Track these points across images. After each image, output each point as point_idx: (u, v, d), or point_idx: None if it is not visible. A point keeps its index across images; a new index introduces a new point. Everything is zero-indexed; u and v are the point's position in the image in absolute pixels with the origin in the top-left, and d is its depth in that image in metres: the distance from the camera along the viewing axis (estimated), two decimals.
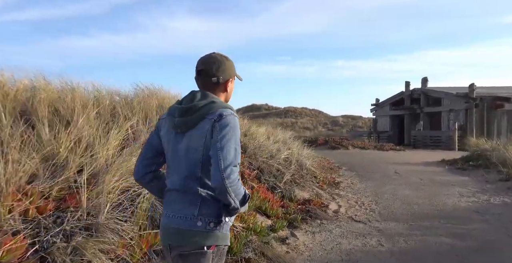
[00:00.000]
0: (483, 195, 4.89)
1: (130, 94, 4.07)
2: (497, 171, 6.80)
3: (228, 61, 1.29)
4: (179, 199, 1.19)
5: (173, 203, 1.20)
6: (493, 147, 8.63)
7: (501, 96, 16.00)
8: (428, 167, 8.33)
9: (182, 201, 1.18)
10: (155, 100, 3.41)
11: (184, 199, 1.18)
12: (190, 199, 1.17)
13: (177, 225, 1.16)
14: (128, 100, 3.53)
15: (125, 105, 3.26)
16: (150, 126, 3.00)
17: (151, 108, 3.27)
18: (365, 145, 14.68)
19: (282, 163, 4.73)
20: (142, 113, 3.13)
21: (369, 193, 5.15)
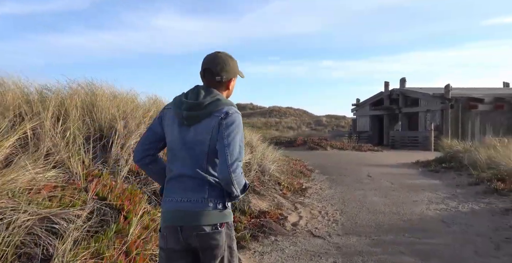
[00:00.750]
0: (452, 202, 4.68)
1: (64, 91, 3.51)
2: (468, 174, 6.69)
3: (232, 60, 1.39)
4: (189, 184, 1.29)
5: (181, 188, 1.30)
6: (465, 148, 8.61)
7: (475, 97, 16.34)
8: (402, 169, 8.18)
9: (192, 186, 1.28)
10: (76, 98, 2.89)
11: (194, 184, 1.28)
12: (199, 184, 1.28)
13: (189, 208, 1.26)
14: (47, 97, 2.98)
15: (39, 102, 2.72)
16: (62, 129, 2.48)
17: (69, 108, 2.74)
18: (343, 146, 14.56)
19: None
20: (52, 113, 2.60)
21: (336, 200, 4.83)
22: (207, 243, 1.27)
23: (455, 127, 16.25)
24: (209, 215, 1.27)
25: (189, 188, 1.29)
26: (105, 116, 2.89)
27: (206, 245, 1.28)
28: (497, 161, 6.28)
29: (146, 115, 3.40)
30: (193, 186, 1.29)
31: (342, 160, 10.11)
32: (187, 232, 1.27)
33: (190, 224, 1.27)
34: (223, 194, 1.30)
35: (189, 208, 1.27)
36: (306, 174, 6.67)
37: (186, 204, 1.28)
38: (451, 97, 16.15)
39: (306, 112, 57.20)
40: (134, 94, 4.99)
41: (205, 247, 1.28)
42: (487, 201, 4.60)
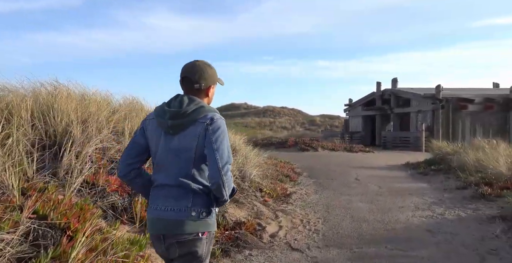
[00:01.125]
0: (438, 208, 4.53)
1: (20, 92, 3.24)
2: (456, 177, 6.58)
3: (210, 68, 1.40)
4: (172, 193, 1.30)
5: (165, 196, 1.30)
6: (454, 150, 8.53)
7: (465, 98, 16.39)
8: (391, 172, 8.06)
9: (176, 195, 1.29)
10: (28, 100, 2.62)
11: (177, 193, 1.29)
12: (184, 193, 1.29)
13: (172, 217, 1.27)
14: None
15: None
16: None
17: (16, 110, 2.48)
18: (335, 147, 14.44)
19: None
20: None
21: (320, 206, 4.64)
22: (187, 249, 1.29)
23: (445, 128, 16.27)
24: (191, 224, 1.28)
25: (173, 196, 1.30)
26: (62, 120, 2.64)
27: (186, 252, 1.29)
28: (485, 165, 6.18)
29: (111, 118, 3.15)
30: (177, 195, 1.30)
31: (332, 162, 9.96)
32: (168, 240, 1.29)
33: (171, 232, 1.28)
34: (208, 203, 1.32)
35: (172, 217, 1.28)
36: (292, 178, 6.48)
37: (169, 213, 1.29)
38: (442, 98, 16.16)
39: (301, 112, 57.17)
40: (107, 95, 4.74)
41: (182, 255, 1.29)
42: (474, 207, 4.47)
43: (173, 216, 1.28)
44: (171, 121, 1.30)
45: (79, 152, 2.44)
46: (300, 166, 8.88)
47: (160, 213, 1.30)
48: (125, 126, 3.12)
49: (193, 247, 1.28)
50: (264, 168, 6.22)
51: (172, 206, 1.28)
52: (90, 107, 3.05)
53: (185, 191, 1.29)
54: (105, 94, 4.84)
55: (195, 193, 1.29)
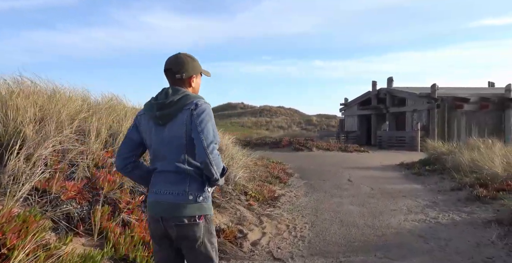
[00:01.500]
0: (432, 211, 4.32)
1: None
2: (451, 177, 6.39)
3: (192, 60, 1.49)
4: (170, 179, 1.39)
5: (164, 182, 1.40)
6: (449, 150, 8.35)
7: (460, 97, 16.26)
8: (385, 172, 7.86)
9: (174, 180, 1.38)
10: None
11: (175, 178, 1.38)
12: (181, 178, 1.38)
13: (171, 200, 1.36)
14: None
15: None
16: None
17: None
18: (329, 147, 14.24)
19: None
20: None
21: (309, 210, 4.41)
22: (185, 234, 1.34)
23: (441, 127, 16.14)
24: (189, 207, 1.34)
25: (171, 181, 1.38)
26: (16, 119, 2.38)
27: (184, 235, 1.35)
28: (480, 165, 5.99)
29: (76, 117, 2.89)
30: (175, 180, 1.37)
31: (325, 162, 9.75)
32: (167, 222, 1.35)
33: (170, 215, 1.35)
34: (204, 187, 1.38)
35: (170, 200, 1.36)
36: (282, 180, 6.25)
37: (168, 196, 1.36)
38: (437, 97, 16.03)
39: (298, 112, 56.98)
40: (84, 93, 4.46)
41: (183, 238, 1.35)
42: (469, 210, 4.26)
43: (172, 199, 1.35)
44: (159, 112, 1.37)
45: (30, 154, 2.18)
46: (292, 167, 8.66)
47: (159, 197, 1.38)
48: (91, 126, 2.85)
49: (190, 231, 1.35)
50: (252, 169, 5.99)
51: (171, 190, 1.36)
52: (52, 104, 2.78)
53: (182, 176, 1.37)
54: (82, 91, 4.58)
55: (191, 178, 1.37)
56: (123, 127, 3.55)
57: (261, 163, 7.65)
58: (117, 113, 4.19)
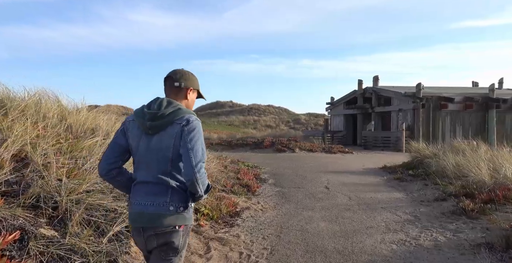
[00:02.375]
0: (413, 228, 3.75)
1: None
2: (434, 184, 5.88)
3: (192, 75, 1.55)
4: (152, 190, 1.39)
5: (146, 193, 1.40)
6: (433, 153, 7.89)
7: (445, 96, 16.02)
8: (366, 177, 7.31)
9: (156, 191, 1.39)
10: None
11: (157, 189, 1.39)
12: (163, 189, 1.39)
13: (152, 210, 1.37)
14: None
15: None
16: None
17: None
18: (313, 147, 13.70)
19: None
20: None
21: (272, 229, 3.77)
22: (164, 240, 1.37)
23: (426, 127, 15.88)
24: (169, 218, 1.37)
25: (153, 192, 1.39)
26: None
27: (163, 242, 1.37)
28: (465, 172, 5.50)
29: None
30: (156, 191, 1.39)
31: (305, 165, 9.16)
32: (148, 232, 1.37)
33: (151, 224, 1.36)
34: (185, 198, 1.41)
35: (151, 211, 1.37)
36: (252, 188, 5.59)
37: (150, 208, 1.38)
38: (422, 96, 15.73)
39: (287, 110, 56.60)
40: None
41: (161, 245, 1.37)
42: (454, 227, 3.71)
43: (153, 210, 1.37)
44: (149, 122, 1.39)
45: None
46: (268, 171, 8.02)
47: (141, 208, 1.39)
48: None
49: (170, 238, 1.37)
50: (217, 177, 5.30)
51: (152, 201, 1.38)
52: None
53: (164, 188, 1.39)
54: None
55: (173, 190, 1.39)
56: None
57: (232, 168, 6.96)
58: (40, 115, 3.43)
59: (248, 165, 8.33)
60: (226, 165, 7.12)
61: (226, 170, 6.44)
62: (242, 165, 8.03)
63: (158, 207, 1.36)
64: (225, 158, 8.65)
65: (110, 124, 4.39)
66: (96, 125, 4.04)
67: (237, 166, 7.50)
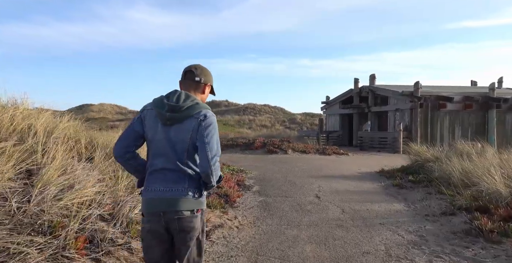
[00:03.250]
0: (420, 254, 3.02)
1: None
2: (439, 192, 5.18)
3: (209, 71, 1.64)
4: (171, 177, 1.47)
5: (163, 180, 1.47)
6: (435, 156, 7.18)
7: (444, 96, 15.40)
8: (362, 183, 6.59)
9: (173, 178, 1.47)
10: None
11: (175, 176, 1.47)
12: (181, 177, 1.48)
13: (171, 195, 1.45)
14: None
15: None
16: None
17: None
18: (306, 149, 12.97)
19: (66, 213, 2.37)
20: None
21: (246, 256, 3.00)
22: (185, 225, 1.45)
23: (424, 128, 15.24)
24: (188, 202, 1.46)
25: (171, 179, 1.46)
26: None
27: (184, 227, 1.45)
28: (475, 180, 4.79)
29: None
30: (175, 178, 1.46)
31: (297, 168, 8.42)
32: (169, 216, 1.44)
33: (171, 209, 1.44)
34: (200, 185, 1.49)
35: (171, 196, 1.45)
36: (231, 198, 4.82)
37: (168, 193, 1.45)
38: (420, 95, 15.09)
39: (283, 110, 55.83)
40: None
41: (183, 229, 1.45)
42: (472, 254, 2.98)
43: (172, 195, 1.45)
44: (169, 114, 1.46)
45: None
46: (255, 176, 7.26)
47: (160, 194, 1.45)
48: None
49: (190, 223, 1.46)
50: None
51: (171, 187, 1.45)
52: None
53: (182, 175, 1.47)
54: None
55: (190, 177, 1.47)
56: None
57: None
58: None
59: (234, 169, 7.56)
60: None
61: None
62: (227, 170, 7.26)
63: (177, 192, 1.44)
64: None
65: (51, 126, 3.55)
66: (30, 126, 3.23)
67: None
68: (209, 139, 1.43)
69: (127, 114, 53.98)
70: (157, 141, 1.47)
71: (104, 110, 57.11)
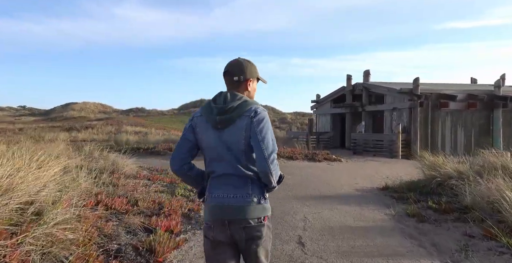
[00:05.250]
0: None
1: None
2: (488, 236, 3.37)
3: (250, 64, 1.54)
4: (233, 182, 1.41)
5: (226, 185, 1.41)
6: (458, 170, 5.40)
7: (446, 94, 13.82)
8: (364, 211, 4.73)
9: (236, 183, 1.41)
10: None
11: (237, 181, 1.41)
12: (243, 181, 1.41)
13: (236, 203, 1.39)
14: None
15: None
16: None
17: None
18: (294, 153, 11.13)
19: None
20: None
21: None
22: (252, 235, 1.39)
23: (424, 129, 13.64)
24: (254, 210, 1.38)
25: (234, 185, 1.40)
26: None
27: (251, 236, 1.39)
28: None
29: None
30: (238, 184, 1.40)
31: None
32: (234, 225, 1.38)
33: (237, 217, 1.37)
34: (263, 189, 1.43)
35: (235, 203, 1.38)
36: (157, 251, 2.87)
37: (232, 200, 1.39)
38: (420, 93, 13.47)
39: (274, 109, 54.02)
40: None
41: (249, 238, 1.39)
42: None
43: (237, 202, 1.38)
44: (219, 117, 1.40)
45: None
46: None
47: (224, 200, 1.39)
48: None
49: (257, 232, 1.38)
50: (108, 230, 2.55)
51: (235, 194, 1.39)
52: None
53: (244, 180, 1.40)
54: None
55: (253, 181, 1.40)
56: None
57: (156, 198, 4.17)
58: None
59: (183, 193, 5.39)
60: (156, 190, 4.39)
61: (141, 203, 3.71)
62: (180, 191, 5.29)
63: (242, 199, 1.38)
64: (165, 176, 5.91)
65: None
66: None
67: (164, 195, 4.77)
68: (264, 135, 1.36)
69: (111, 113, 51.27)
70: (212, 147, 1.42)
71: (86, 109, 54.13)
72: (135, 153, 11.93)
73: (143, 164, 8.66)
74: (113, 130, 27.99)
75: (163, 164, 9.77)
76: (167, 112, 51.55)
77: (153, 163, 9.92)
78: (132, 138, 20.40)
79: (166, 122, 42.22)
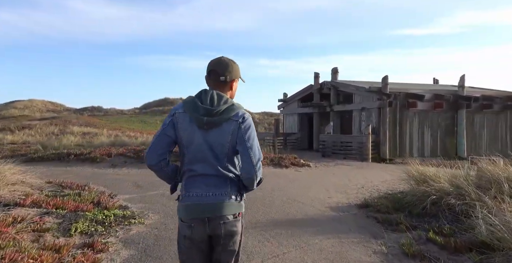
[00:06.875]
0: None
1: None
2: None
3: (235, 64, 1.57)
4: (212, 182, 1.45)
5: (206, 185, 1.45)
6: (456, 185, 4.33)
7: (414, 93, 13.44)
8: (344, 248, 3.35)
9: (216, 183, 1.45)
10: None
11: (217, 181, 1.46)
12: (223, 181, 1.46)
13: (215, 200, 1.44)
14: None
15: None
16: None
17: None
18: None
19: None
20: None
21: None
22: (230, 230, 1.46)
23: (392, 130, 13.12)
24: (231, 206, 1.45)
25: (213, 184, 1.45)
26: None
27: (228, 232, 1.46)
28: None
29: None
30: (217, 183, 1.45)
31: None
32: (214, 221, 1.43)
33: (216, 214, 1.43)
34: (240, 189, 1.50)
35: (215, 201, 1.44)
36: None
37: (211, 198, 1.44)
38: (389, 92, 12.92)
39: None
40: None
41: (227, 234, 1.46)
42: None
43: (216, 200, 1.43)
44: (206, 118, 1.42)
45: None
46: (144, 235, 3.62)
47: (203, 199, 1.44)
48: None
49: (234, 227, 1.46)
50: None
51: (214, 192, 1.44)
52: None
53: (224, 180, 1.45)
54: None
55: (231, 181, 1.47)
56: None
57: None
58: None
59: (84, 230, 3.69)
60: (37, 229, 2.54)
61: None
62: (81, 225, 3.50)
63: (221, 197, 1.43)
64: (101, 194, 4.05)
65: None
66: None
67: (41, 240, 2.98)
68: (251, 143, 1.43)
69: (61, 112, 46.02)
70: (194, 146, 1.44)
71: (32, 107, 47.97)
72: (62, 160, 9.65)
73: (59, 177, 6.59)
74: (56, 131, 24.43)
75: (93, 175, 7.72)
76: (127, 112, 47.50)
77: (79, 174, 7.82)
78: (75, 139, 17.70)
79: (123, 122, 38.50)
